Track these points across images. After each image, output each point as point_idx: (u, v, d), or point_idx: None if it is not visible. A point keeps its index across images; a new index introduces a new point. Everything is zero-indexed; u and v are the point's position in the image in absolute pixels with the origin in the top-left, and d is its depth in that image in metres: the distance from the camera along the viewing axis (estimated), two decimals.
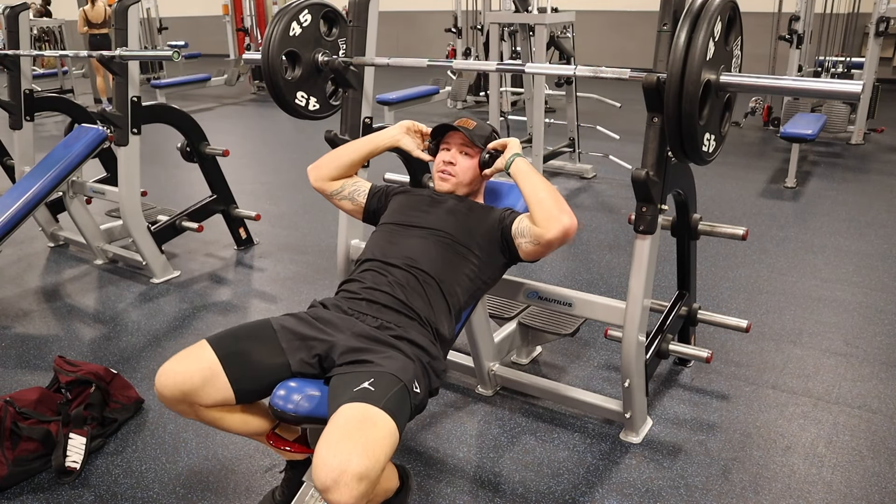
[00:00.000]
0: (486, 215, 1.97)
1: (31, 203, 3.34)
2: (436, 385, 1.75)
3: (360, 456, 1.38)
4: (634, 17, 9.97)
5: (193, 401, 1.62)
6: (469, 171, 2.02)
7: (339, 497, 1.36)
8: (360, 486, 1.37)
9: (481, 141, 2.02)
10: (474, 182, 2.06)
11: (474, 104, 8.28)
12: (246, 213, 3.90)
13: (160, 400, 1.64)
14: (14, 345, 2.98)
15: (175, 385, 1.60)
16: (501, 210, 1.99)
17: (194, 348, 1.67)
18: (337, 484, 1.36)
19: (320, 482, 1.38)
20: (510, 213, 1.96)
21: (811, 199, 4.68)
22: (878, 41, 5.83)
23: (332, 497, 1.36)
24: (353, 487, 1.36)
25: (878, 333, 2.87)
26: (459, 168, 2.01)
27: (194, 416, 1.68)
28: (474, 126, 2.03)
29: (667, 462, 2.14)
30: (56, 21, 9.94)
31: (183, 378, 1.60)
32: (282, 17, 2.44)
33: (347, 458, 1.37)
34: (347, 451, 1.39)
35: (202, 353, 1.65)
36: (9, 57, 3.81)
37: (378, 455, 1.42)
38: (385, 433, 1.47)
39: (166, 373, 1.62)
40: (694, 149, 1.78)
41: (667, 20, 1.86)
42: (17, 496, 2.07)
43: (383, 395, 1.54)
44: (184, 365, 1.62)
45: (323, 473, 1.37)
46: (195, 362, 1.63)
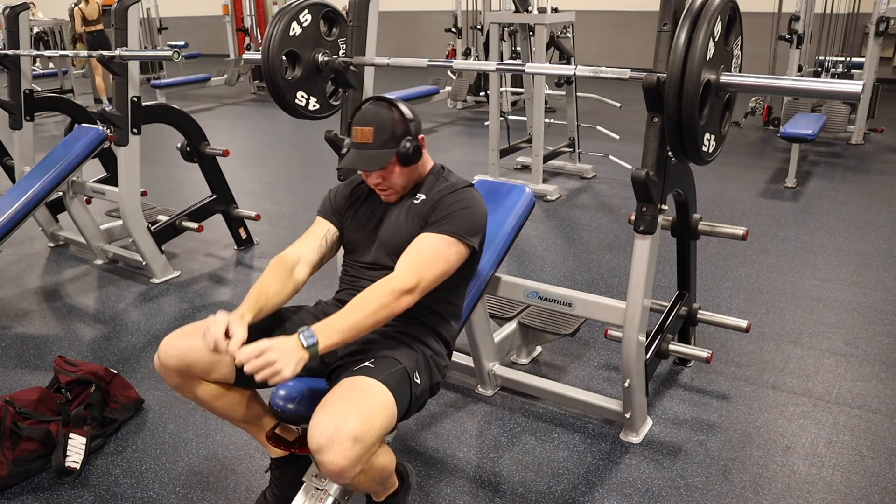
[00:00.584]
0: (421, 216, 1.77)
1: (31, 203, 3.35)
2: (437, 380, 1.77)
3: (355, 418, 1.40)
4: (634, 17, 9.97)
5: (195, 374, 1.63)
6: (401, 177, 1.78)
7: (333, 457, 1.37)
8: (355, 448, 1.38)
9: (389, 144, 1.73)
10: (410, 178, 1.82)
11: (474, 104, 8.28)
12: (246, 213, 3.91)
13: (158, 371, 1.65)
14: (14, 345, 2.98)
15: (178, 356, 1.61)
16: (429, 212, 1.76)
17: (199, 323, 1.67)
18: (331, 443, 1.37)
19: (314, 443, 1.38)
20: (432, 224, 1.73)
21: (811, 199, 4.68)
22: (878, 41, 5.83)
23: (326, 457, 1.37)
24: (348, 448, 1.37)
25: (878, 333, 2.87)
26: (390, 182, 1.78)
27: (189, 393, 1.69)
28: (372, 138, 1.71)
29: (667, 462, 2.14)
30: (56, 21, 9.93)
31: (189, 349, 1.61)
32: (282, 17, 2.44)
33: (343, 420, 1.39)
34: (343, 413, 1.40)
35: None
36: (9, 57, 3.81)
37: (374, 421, 1.43)
38: (381, 402, 1.48)
39: (169, 344, 1.63)
40: (694, 149, 1.78)
41: (667, 20, 1.86)
42: (17, 496, 2.07)
43: (383, 371, 1.56)
44: (189, 338, 1.63)
45: (317, 433, 1.38)
46: (200, 335, 1.61)
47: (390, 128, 1.73)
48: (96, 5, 8.53)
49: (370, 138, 1.72)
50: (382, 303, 1.57)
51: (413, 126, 1.77)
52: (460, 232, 1.71)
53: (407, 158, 1.75)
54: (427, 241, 1.70)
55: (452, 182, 1.83)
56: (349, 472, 1.40)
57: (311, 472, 1.77)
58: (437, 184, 1.83)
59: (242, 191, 4.10)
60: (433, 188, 1.82)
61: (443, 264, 1.69)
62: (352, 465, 1.39)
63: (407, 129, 1.75)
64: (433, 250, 1.68)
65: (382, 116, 1.74)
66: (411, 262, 1.66)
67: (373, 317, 1.56)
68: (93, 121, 3.79)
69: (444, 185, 1.81)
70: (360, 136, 1.73)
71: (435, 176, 1.86)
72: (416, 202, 1.80)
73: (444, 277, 1.70)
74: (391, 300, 1.58)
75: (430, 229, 1.72)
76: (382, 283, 1.61)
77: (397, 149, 1.73)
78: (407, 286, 1.60)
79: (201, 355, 1.61)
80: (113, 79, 3.31)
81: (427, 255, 1.68)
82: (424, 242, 1.70)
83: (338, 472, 1.39)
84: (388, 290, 1.58)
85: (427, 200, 1.78)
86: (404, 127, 1.75)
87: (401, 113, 1.76)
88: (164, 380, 1.67)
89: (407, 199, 1.82)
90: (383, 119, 1.73)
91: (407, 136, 1.75)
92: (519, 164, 5.57)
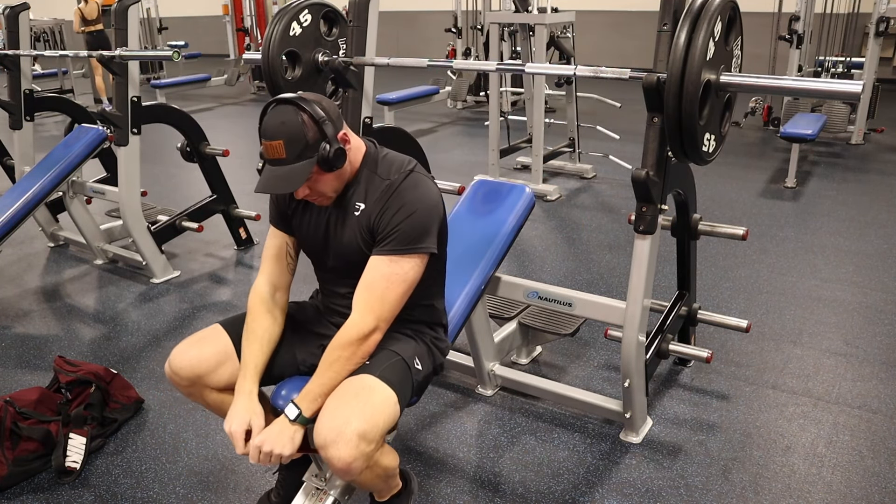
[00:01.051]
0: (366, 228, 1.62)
1: (31, 203, 3.35)
2: (439, 361, 1.78)
3: (358, 418, 1.42)
4: (634, 17, 9.96)
5: (206, 383, 1.64)
6: (327, 184, 1.59)
7: (339, 451, 1.39)
8: (361, 445, 1.40)
9: (305, 155, 1.52)
10: (341, 179, 1.62)
11: (474, 104, 8.28)
12: (246, 213, 3.90)
13: (170, 380, 1.67)
14: (14, 345, 2.98)
15: (190, 367, 1.63)
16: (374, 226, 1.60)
17: (208, 331, 1.70)
18: (337, 440, 1.39)
19: (321, 438, 1.41)
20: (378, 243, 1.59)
21: (811, 199, 4.68)
22: (878, 41, 5.82)
23: (332, 452, 1.40)
24: (354, 444, 1.39)
25: (878, 333, 2.87)
26: (318, 191, 1.60)
27: (200, 399, 1.71)
28: (284, 152, 1.51)
29: (667, 462, 2.14)
30: (56, 21, 9.93)
31: (198, 360, 1.63)
32: (282, 17, 2.44)
33: (347, 419, 1.42)
34: (347, 414, 1.43)
35: (217, 335, 1.68)
36: (9, 57, 3.81)
37: (377, 420, 1.45)
38: (382, 399, 1.50)
39: (181, 354, 1.64)
40: (694, 149, 1.78)
41: (667, 20, 1.86)
42: (17, 496, 2.07)
43: (380, 366, 1.57)
44: (198, 348, 1.65)
45: (324, 431, 1.41)
46: (210, 345, 1.66)
47: (302, 137, 1.50)
48: (95, 5, 8.54)
49: (282, 153, 1.51)
50: (348, 354, 1.54)
51: (329, 127, 1.53)
52: (410, 244, 1.57)
53: (329, 164, 1.53)
54: (376, 268, 1.58)
55: (387, 180, 1.61)
56: (355, 467, 1.42)
57: (311, 471, 1.77)
58: (373, 182, 1.62)
59: (242, 191, 4.09)
60: (370, 190, 1.62)
61: (399, 287, 1.58)
62: (359, 460, 1.42)
63: (321, 132, 1.52)
64: (384, 279, 1.57)
65: (290, 125, 1.50)
66: (364, 300, 1.57)
67: (344, 370, 1.54)
68: (93, 121, 3.79)
69: (383, 186, 1.60)
70: (271, 152, 1.52)
71: (370, 169, 1.64)
72: (357, 213, 1.62)
73: (406, 296, 1.61)
74: (356, 348, 1.55)
75: (378, 250, 1.58)
76: (341, 334, 1.56)
77: (315, 158, 1.52)
78: (366, 330, 1.55)
79: (211, 365, 1.64)
80: (113, 79, 3.31)
81: (379, 288, 1.56)
82: (374, 273, 1.58)
83: (345, 467, 1.41)
84: (349, 342, 1.54)
85: (368, 212, 1.61)
86: (317, 131, 1.52)
87: (310, 115, 1.51)
88: (176, 387, 1.69)
89: (347, 205, 1.64)
90: (291, 128, 1.50)
91: (324, 141, 1.52)
92: (519, 164, 5.57)
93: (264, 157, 1.55)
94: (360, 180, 1.64)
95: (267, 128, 1.53)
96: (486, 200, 2.36)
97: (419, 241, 1.58)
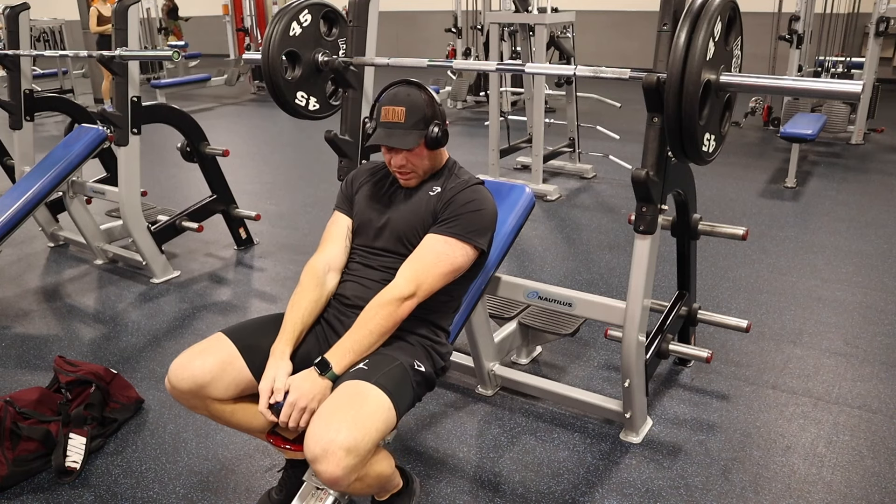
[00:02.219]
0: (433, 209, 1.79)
1: (31, 203, 3.35)
2: (440, 365, 1.79)
3: (348, 428, 1.42)
4: (634, 17, 9.97)
5: (208, 394, 1.62)
6: (425, 161, 1.81)
7: (327, 467, 1.39)
8: (348, 459, 1.40)
9: (419, 126, 1.75)
10: (432, 164, 1.85)
11: (474, 104, 8.28)
12: (246, 213, 3.90)
13: (171, 394, 1.65)
14: (14, 345, 2.98)
15: (192, 378, 1.60)
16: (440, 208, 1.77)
17: (209, 341, 1.68)
18: (325, 454, 1.39)
19: (309, 453, 1.42)
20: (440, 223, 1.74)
21: (811, 199, 4.68)
22: (878, 41, 5.83)
23: (320, 467, 1.40)
24: (341, 458, 1.39)
25: (878, 333, 2.87)
26: (414, 164, 1.79)
27: (204, 411, 1.69)
28: (404, 118, 1.73)
29: (667, 462, 2.14)
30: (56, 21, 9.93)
31: (201, 371, 1.61)
32: (282, 17, 2.44)
33: (336, 430, 1.41)
34: (337, 423, 1.43)
35: (220, 344, 1.66)
36: (9, 57, 3.81)
37: (368, 428, 1.45)
38: (375, 407, 1.50)
39: (182, 365, 1.62)
40: (694, 149, 1.78)
41: (667, 20, 1.86)
42: (17, 496, 2.07)
43: (377, 371, 1.57)
44: (200, 358, 1.63)
45: (312, 443, 1.42)
46: (211, 355, 1.64)
47: (422, 109, 1.74)
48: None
49: (402, 118, 1.73)
50: (386, 313, 1.64)
51: (441, 111, 1.80)
52: (468, 234, 1.73)
53: (435, 142, 1.77)
54: (430, 244, 1.72)
55: (465, 179, 1.84)
56: (344, 482, 1.42)
57: (310, 472, 1.77)
58: (450, 178, 1.84)
59: (242, 191, 4.10)
60: (447, 182, 1.83)
61: (445, 266, 1.70)
62: (346, 475, 1.41)
63: (436, 112, 1.78)
64: (434, 254, 1.70)
65: (415, 98, 1.75)
66: (411, 268, 1.69)
67: (379, 329, 1.63)
68: (93, 121, 3.79)
69: (456, 183, 1.82)
70: (391, 116, 1.73)
71: (449, 170, 1.88)
72: (432, 194, 1.80)
73: (449, 279, 1.73)
74: (395, 308, 1.64)
75: (437, 229, 1.73)
76: (381, 294, 1.67)
77: (426, 131, 1.75)
78: (405, 293, 1.65)
79: (212, 376, 1.61)
80: (113, 79, 3.31)
81: (428, 260, 1.70)
82: (427, 247, 1.72)
83: (333, 481, 1.42)
84: (389, 300, 1.64)
85: (440, 195, 1.79)
86: (433, 110, 1.77)
87: (430, 96, 1.78)
88: (178, 401, 1.67)
89: (424, 188, 1.83)
90: (415, 100, 1.75)
91: (435, 120, 1.77)
92: (519, 164, 5.57)
93: (381, 120, 1.75)
94: (441, 176, 1.85)
95: (393, 97, 1.76)
96: None
97: (476, 235, 1.74)
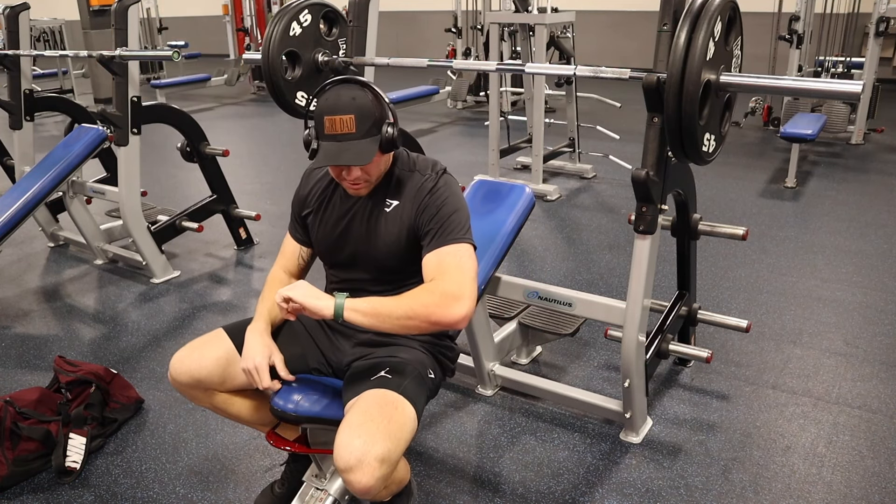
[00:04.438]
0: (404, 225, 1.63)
1: (31, 203, 3.35)
2: (449, 368, 1.78)
3: (383, 438, 1.40)
4: (634, 17, 9.96)
5: (208, 387, 1.65)
6: (380, 166, 1.61)
7: (361, 477, 1.38)
8: (382, 468, 1.39)
9: (372, 132, 1.53)
10: (385, 166, 1.65)
11: (474, 104, 8.28)
12: (246, 213, 3.90)
13: (173, 385, 1.67)
14: (14, 345, 2.98)
15: (189, 372, 1.62)
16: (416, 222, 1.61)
17: (210, 336, 1.70)
18: (360, 464, 1.38)
19: (342, 462, 1.39)
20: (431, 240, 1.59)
21: (811, 199, 4.68)
22: (878, 41, 5.82)
23: (354, 477, 1.38)
24: (376, 469, 1.38)
25: (878, 333, 2.87)
26: (367, 174, 1.59)
27: (205, 403, 1.71)
28: (354, 127, 1.50)
29: (667, 462, 2.14)
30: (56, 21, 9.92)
31: (199, 365, 1.63)
32: (282, 17, 2.45)
33: (372, 440, 1.39)
34: (371, 433, 1.40)
35: (219, 340, 1.68)
36: (9, 57, 3.81)
37: (399, 438, 1.44)
38: (405, 418, 1.49)
39: (181, 360, 1.64)
40: (694, 149, 1.78)
41: (667, 20, 1.86)
42: (17, 496, 2.07)
43: (401, 381, 1.55)
44: (199, 353, 1.65)
45: (346, 453, 1.39)
46: (211, 349, 1.66)
47: (371, 113, 1.52)
48: None
49: (352, 127, 1.50)
50: (434, 301, 1.46)
51: (390, 107, 1.58)
52: (461, 234, 1.60)
53: (391, 144, 1.56)
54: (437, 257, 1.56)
55: (428, 177, 1.64)
56: (375, 490, 1.41)
57: (311, 472, 1.77)
58: (408, 179, 1.65)
59: (242, 191, 4.10)
60: (404, 188, 1.64)
61: (470, 263, 1.57)
62: (378, 484, 1.40)
63: (384, 111, 1.56)
64: (453, 257, 1.56)
65: (361, 100, 1.52)
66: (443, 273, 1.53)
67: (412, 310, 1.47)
68: (93, 121, 3.79)
69: (419, 184, 1.63)
70: (339, 126, 1.50)
71: (402, 167, 1.67)
72: (389, 210, 1.63)
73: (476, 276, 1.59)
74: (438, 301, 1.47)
75: (436, 244, 1.58)
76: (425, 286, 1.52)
77: (380, 136, 1.54)
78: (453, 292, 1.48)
79: (212, 370, 1.63)
80: (113, 79, 3.31)
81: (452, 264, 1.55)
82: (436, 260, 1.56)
83: (365, 490, 1.40)
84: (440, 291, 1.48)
85: (406, 209, 1.62)
86: (382, 109, 1.55)
87: (376, 94, 1.56)
88: (180, 393, 1.70)
89: (375, 204, 1.65)
90: (362, 103, 1.52)
91: (386, 120, 1.55)
92: (519, 164, 5.57)
93: (326, 132, 1.52)
94: (391, 179, 1.66)
95: (337, 103, 1.51)
96: (487, 200, 2.36)
97: (467, 233, 1.61)
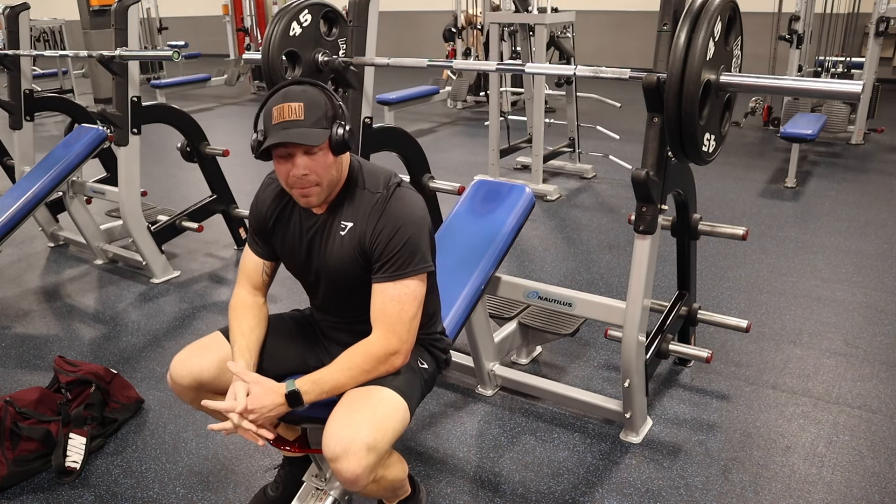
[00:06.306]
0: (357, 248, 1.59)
1: (31, 203, 3.35)
2: (442, 358, 1.78)
3: (367, 428, 1.43)
4: (634, 17, 9.96)
5: (207, 389, 1.64)
6: (331, 170, 1.54)
7: (348, 465, 1.40)
8: (369, 457, 1.41)
9: (321, 124, 1.50)
10: (338, 174, 1.57)
11: (474, 104, 8.28)
12: (246, 213, 3.90)
13: (172, 389, 1.67)
14: (14, 345, 2.98)
15: (190, 375, 1.62)
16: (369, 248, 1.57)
17: (208, 339, 1.70)
18: (346, 452, 1.40)
19: (329, 451, 1.42)
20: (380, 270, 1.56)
21: (811, 199, 4.68)
22: (878, 41, 5.82)
23: (341, 465, 1.40)
24: (362, 457, 1.40)
25: (878, 333, 2.87)
26: (316, 175, 1.52)
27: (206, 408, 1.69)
28: (303, 114, 1.48)
29: (667, 462, 2.14)
30: (56, 21, 9.92)
31: (199, 368, 1.62)
32: (282, 17, 2.45)
33: (356, 430, 1.42)
34: (356, 423, 1.43)
35: (217, 343, 1.68)
36: (9, 57, 3.81)
37: (385, 429, 1.46)
38: (391, 408, 1.50)
39: (181, 363, 1.64)
40: (694, 149, 1.78)
41: (667, 20, 1.86)
42: (17, 496, 2.07)
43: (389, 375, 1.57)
44: (199, 355, 1.65)
45: (333, 443, 1.42)
46: (211, 352, 1.65)
47: (322, 106, 1.51)
48: None
49: (300, 114, 1.47)
50: (368, 367, 1.52)
51: (342, 109, 1.57)
52: (410, 267, 1.55)
53: (342, 145, 1.52)
54: (384, 294, 1.55)
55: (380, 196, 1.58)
56: (364, 480, 1.43)
57: (311, 472, 1.77)
58: (360, 198, 1.60)
59: (242, 191, 4.08)
60: (358, 207, 1.59)
61: (412, 305, 1.56)
62: (366, 473, 1.42)
63: (338, 112, 1.54)
64: (396, 303, 1.54)
65: (312, 94, 1.52)
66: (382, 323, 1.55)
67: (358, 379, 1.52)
68: (93, 121, 3.79)
69: (372, 203, 1.58)
70: (287, 113, 1.48)
71: (355, 184, 1.62)
72: (344, 232, 1.59)
73: (420, 313, 1.59)
74: (377, 365, 1.53)
75: (380, 277, 1.56)
76: (366, 346, 1.54)
77: (331, 131, 1.51)
78: (390, 349, 1.54)
79: (212, 373, 1.63)
80: (113, 79, 3.31)
81: (394, 311, 1.54)
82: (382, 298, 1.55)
83: (353, 479, 1.42)
84: (373, 356, 1.53)
85: (359, 231, 1.57)
86: (335, 110, 1.54)
87: (330, 95, 1.55)
88: (179, 397, 1.69)
89: (332, 223, 1.61)
90: (313, 96, 1.51)
91: (339, 120, 1.53)
92: (519, 164, 5.57)
93: (273, 122, 1.49)
94: (344, 197, 1.61)
95: (287, 94, 1.51)
96: (486, 200, 2.36)
97: (418, 262, 1.57)
